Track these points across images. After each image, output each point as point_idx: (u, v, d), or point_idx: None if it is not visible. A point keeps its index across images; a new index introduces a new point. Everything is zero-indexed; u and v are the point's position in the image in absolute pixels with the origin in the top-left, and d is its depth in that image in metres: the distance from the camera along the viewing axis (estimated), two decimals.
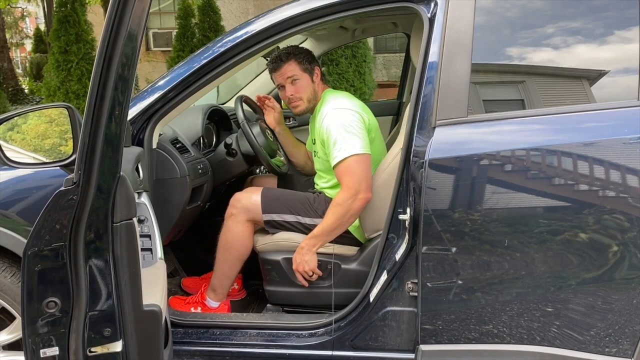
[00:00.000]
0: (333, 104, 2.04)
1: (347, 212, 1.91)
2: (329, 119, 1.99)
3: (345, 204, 1.90)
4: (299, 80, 2.13)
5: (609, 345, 1.55)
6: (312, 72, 2.16)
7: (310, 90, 2.15)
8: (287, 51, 2.16)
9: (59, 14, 7.11)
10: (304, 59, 2.15)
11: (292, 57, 2.13)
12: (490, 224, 1.56)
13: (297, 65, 2.13)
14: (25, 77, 14.73)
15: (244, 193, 2.14)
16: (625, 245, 1.49)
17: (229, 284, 2.16)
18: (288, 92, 2.15)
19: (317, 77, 2.17)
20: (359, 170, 1.91)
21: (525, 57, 1.68)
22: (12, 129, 1.72)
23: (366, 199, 1.91)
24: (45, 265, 1.24)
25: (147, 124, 1.84)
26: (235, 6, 10.71)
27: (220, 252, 2.12)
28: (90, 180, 1.20)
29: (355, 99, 2.13)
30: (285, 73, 2.13)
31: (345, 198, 1.90)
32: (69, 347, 1.29)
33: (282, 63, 2.13)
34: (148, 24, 2.01)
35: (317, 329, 1.83)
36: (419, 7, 1.70)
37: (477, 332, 1.63)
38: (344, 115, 1.98)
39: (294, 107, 2.17)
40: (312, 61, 2.17)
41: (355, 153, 1.91)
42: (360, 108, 2.05)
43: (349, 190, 1.90)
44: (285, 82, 2.14)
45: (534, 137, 1.57)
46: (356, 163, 1.91)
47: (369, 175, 1.92)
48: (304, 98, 2.15)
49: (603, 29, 1.61)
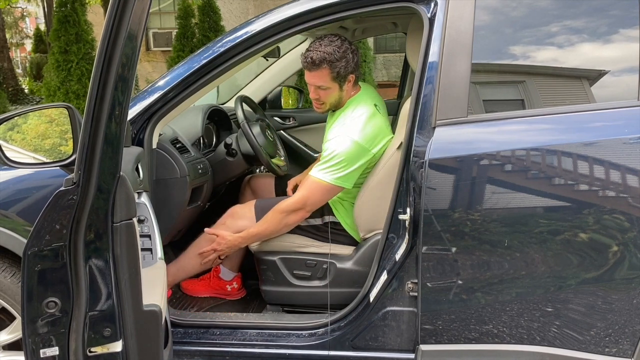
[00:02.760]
0: (350, 129, 1.94)
1: (283, 220, 1.99)
2: (337, 142, 1.93)
3: (284, 213, 1.98)
4: (327, 89, 1.99)
5: (609, 345, 1.55)
6: (344, 80, 1.99)
7: (336, 98, 2.03)
8: (324, 56, 1.92)
9: (59, 14, 7.13)
10: (341, 67, 1.95)
11: (325, 64, 1.93)
12: (490, 224, 1.56)
13: (329, 74, 1.95)
14: (25, 77, 14.73)
15: (237, 209, 2.16)
16: (625, 245, 1.49)
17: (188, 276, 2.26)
18: (312, 95, 2.04)
19: (348, 83, 2.01)
20: (316, 195, 1.96)
21: (525, 57, 1.68)
22: (12, 129, 1.72)
23: (301, 218, 2.00)
24: (45, 265, 1.24)
25: (147, 124, 1.84)
26: (235, 6, 10.72)
27: (191, 253, 2.18)
28: (90, 180, 1.20)
29: (375, 121, 1.98)
30: (314, 80, 1.98)
31: (288, 207, 1.98)
32: (69, 347, 1.29)
33: (315, 68, 1.95)
34: (148, 24, 2.01)
35: (317, 329, 1.83)
36: (419, 7, 1.70)
37: (477, 332, 1.63)
38: (351, 148, 1.91)
39: (317, 107, 2.09)
40: (347, 70, 1.97)
41: (327, 181, 1.92)
42: (370, 139, 1.94)
43: (294, 203, 1.97)
44: (312, 86, 2.01)
45: (534, 137, 1.57)
46: (319, 188, 1.94)
47: (319, 203, 2.00)
48: (327, 103, 2.04)
49: (603, 29, 1.61)
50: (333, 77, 1.96)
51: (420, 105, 1.62)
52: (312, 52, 1.94)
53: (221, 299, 2.29)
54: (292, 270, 2.05)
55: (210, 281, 2.31)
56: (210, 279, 2.31)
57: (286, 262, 2.05)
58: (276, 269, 2.06)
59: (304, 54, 1.98)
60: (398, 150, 1.88)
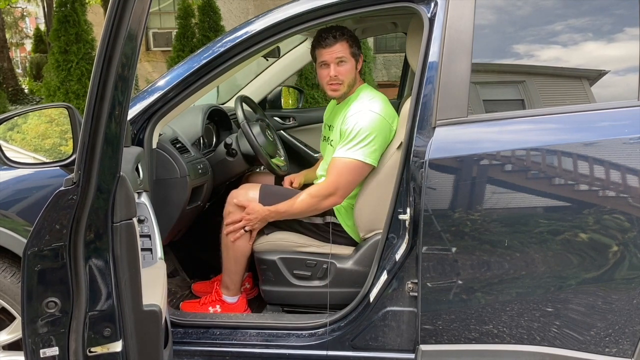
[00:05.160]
0: (367, 105, 1.98)
1: (314, 205, 1.98)
2: (360, 116, 1.93)
3: (316, 198, 1.97)
4: (346, 63, 2.03)
5: (609, 345, 1.55)
6: (358, 58, 2.07)
7: (352, 77, 2.06)
8: (341, 30, 2.02)
9: (59, 14, 7.13)
10: (355, 43, 2.05)
11: (345, 37, 2.01)
12: (490, 224, 1.56)
13: (348, 47, 2.02)
14: (25, 77, 14.73)
15: (241, 190, 2.13)
16: (625, 245, 1.49)
17: (239, 280, 2.17)
18: (333, 71, 2.02)
19: (359, 65, 2.09)
20: (347, 175, 1.93)
21: (525, 57, 1.68)
22: (12, 129, 1.72)
23: (334, 204, 1.98)
24: (45, 265, 1.24)
25: (147, 124, 1.84)
26: (235, 6, 10.72)
27: (224, 251, 2.14)
28: (90, 180, 1.20)
29: (389, 105, 2.05)
30: (335, 52, 2.00)
31: (320, 193, 1.96)
32: (69, 347, 1.29)
33: (335, 41, 2.00)
34: (148, 24, 2.01)
35: (317, 329, 1.83)
36: (419, 7, 1.70)
37: (477, 332, 1.63)
38: (375, 121, 1.93)
39: (333, 90, 2.07)
40: (359, 50, 2.08)
41: (356, 158, 1.91)
42: (390, 117, 1.99)
43: (326, 188, 1.96)
44: (333, 62, 2.02)
45: (534, 137, 1.57)
46: (350, 168, 1.92)
47: (352, 185, 1.96)
48: (345, 82, 2.05)
49: (603, 29, 1.61)
50: (352, 51, 2.04)
51: (420, 105, 1.63)
52: (331, 32, 2.02)
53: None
54: (292, 270, 2.05)
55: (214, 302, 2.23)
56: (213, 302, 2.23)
57: (286, 262, 2.05)
58: (276, 268, 2.06)
59: (321, 34, 2.03)
60: (398, 150, 1.88)
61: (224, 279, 2.17)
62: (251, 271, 2.33)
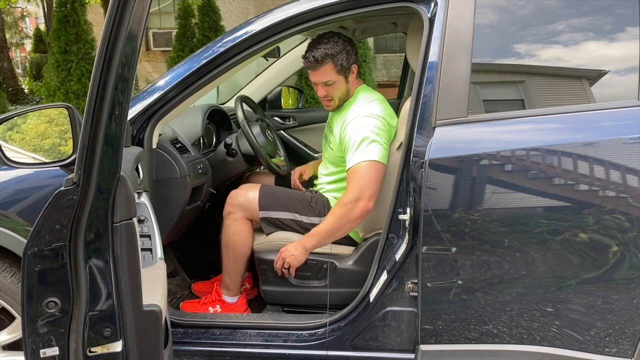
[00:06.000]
0: (366, 109, 1.97)
1: (345, 215, 1.90)
2: (358, 123, 1.94)
3: (346, 207, 1.89)
4: (333, 83, 2.03)
5: (609, 345, 1.55)
6: (348, 71, 2.04)
7: (343, 91, 2.06)
8: (325, 52, 1.98)
9: (59, 14, 7.12)
10: (343, 59, 2.00)
11: (328, 59, 1.98)
12: (490, 224, 1.56)
13: (332, 68, 2.00)
14: (25, 77, 14.73)
15: (241, 190, 2.13)
16: (625, 245, 1.49)
17: (239, 280, 2.17)
18: (321, 92, 2.06)
19: (353, 74, 2.06)
20: (367, 177, 1.88)
21: (525, 57, 1.68)
22: (12, 129, 1.72)
23: (365, 208, 1.88)
24: (45, 265, 1.24)
25: (147, 124, 1.84)
26: (235, 6, 10.72)
27: (224, 251, 2.14)
28: (90, 180, 1.20)
29: (387, 105, 2.05)
30: (319, 76, 2.02)
31: (347, 201, 1.90)
32: (69, 347, 1.29)
33: (318, 65, 1.99)
34: (148, 24, 2.01)
35: (317, 329, 1.83)
36: (419, 7, 1.70)
37: (477, 332, 1.63)
38: (373, 122, 1.93)
39: (325, 105, 2.12)
40: (349, 61, 2.03)
41: (370, 159, 1.89)
42: (390, 117, 2.00)
43: (351, 195, 1.89)
44: (319, 83, 2.04)
45: (533, 137, 1.57)
46: (367, 169, 1.89)
47: (375, 185, 1.88)
48: (336, 98, 2.07)
49: (604, 29, 1.61)
50: (337, 70, 2.01)
51: (420, 105, 1.63)
52: (313, 52, 2.00)
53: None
54: None
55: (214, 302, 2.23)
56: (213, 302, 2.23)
57: None
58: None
59: (305, 55, 2.03)
60: (398, 150, 1.88)
61: (224, 279, 2.17)
62: (251, 271, 2.33)
